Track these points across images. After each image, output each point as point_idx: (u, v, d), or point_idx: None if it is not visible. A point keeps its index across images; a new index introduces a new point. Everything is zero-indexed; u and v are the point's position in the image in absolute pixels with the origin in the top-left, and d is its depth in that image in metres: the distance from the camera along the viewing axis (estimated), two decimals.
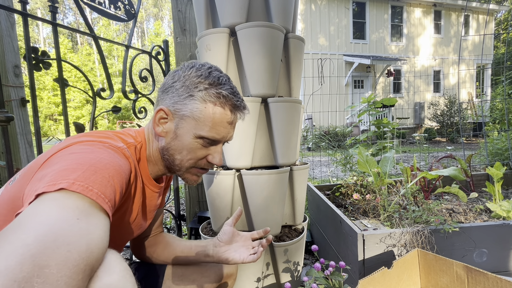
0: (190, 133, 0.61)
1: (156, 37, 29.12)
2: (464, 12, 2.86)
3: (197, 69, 0.62)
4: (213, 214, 1.21)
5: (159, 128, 0.62)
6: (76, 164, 0.43)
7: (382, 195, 1.36)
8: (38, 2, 27.03)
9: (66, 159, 0.45)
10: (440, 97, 12.04)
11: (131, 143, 0.61)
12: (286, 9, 1.16)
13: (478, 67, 12.25)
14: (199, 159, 0.65)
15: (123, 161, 0.52)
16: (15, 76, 1.12)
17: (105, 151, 0.49)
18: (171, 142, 0.62)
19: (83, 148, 0.49)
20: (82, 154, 0.46)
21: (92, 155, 0.46)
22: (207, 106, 0.60)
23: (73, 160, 0.44)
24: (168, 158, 0.64)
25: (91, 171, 0.43)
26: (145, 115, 1.49)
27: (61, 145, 0.50)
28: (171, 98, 0.62)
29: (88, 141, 0.51)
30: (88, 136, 0.54)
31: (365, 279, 0.82)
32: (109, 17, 1.31)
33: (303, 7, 10.78)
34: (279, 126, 1.14)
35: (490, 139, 2.63)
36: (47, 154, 0.50)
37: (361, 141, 2.84)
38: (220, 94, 0.61)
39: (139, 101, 1.49)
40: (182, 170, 0.65)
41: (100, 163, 0.45)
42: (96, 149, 0.49)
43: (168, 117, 0.62)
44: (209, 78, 0.61)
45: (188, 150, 0.62)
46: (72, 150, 0.48)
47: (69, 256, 0.31)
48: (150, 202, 0.71)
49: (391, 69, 11.16)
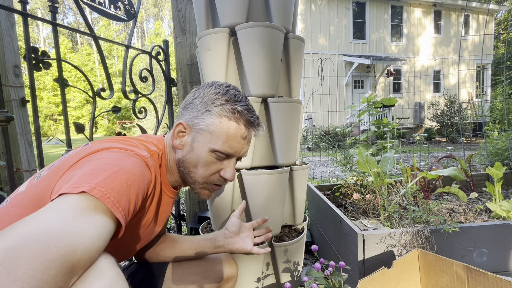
0: (205, 146, 0.64)
1: (156, 37, 29.13)
2: (464, 12, 2.86)
3: (216, 87, 0.67)
4: (213, 214, 1.21)
5: (177, 141, 0.66)
6: (101, 169, 0.46)
7: (382, 195, 1.36)
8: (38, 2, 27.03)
9: (93, 164, 0.49)
10: (440, 97, 12.04)
11: (154, 151, 0.64)
12: (286, 9, 1.16)
13: (478, 67, 12.25)
14: (212, 173, 0.67)
15: (145, 170, 0.55)
16: (15, 76, 1.12)
17: (130, 159, 0.52)
18: (187, 155, 0.66)
19: (110, 155, 0.52)
20: (108, 160, 0.50)
21: (116, 162, 0.49)
22: (222, 121, 0.63)
23: (99, 166, 0.48)
24: (183, 170, 0.67)
25: (112, 179, 0.45)
26: (145, 115, 1.49)
27: (90, 149, 0.54)
28: (190, 114, 0.66)
29: (115, 148, 0.55)
30: (116, 142, 0.58)
31: (365, 279, 0.81)
32: (109, 17, 1.31)
33: (303, 7, 10.77)
34: (279, 126, 1.14)
35: (490, 139, 2.63)
36: (76, 155, 0.53)
37: (361, 141, 2.83)
38: (235, 109, 0.64)
39: (139, 101, 1.49)
40: (196, 184, 0.68)
41: (122, 171, 0.48)
42: (122, 156, 0.52)
43: (186, 130, 0.66)
44: (226, 95, 0.65)
45: (202, 163, 0.65)
46: (100, 156, 0.51)
47: (45, 251, 0.31)
48: (165, 208, 0.73)
49: (391, 69, 11.16)
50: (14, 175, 0.95)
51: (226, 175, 0.67)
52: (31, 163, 1.19)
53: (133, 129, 16.03)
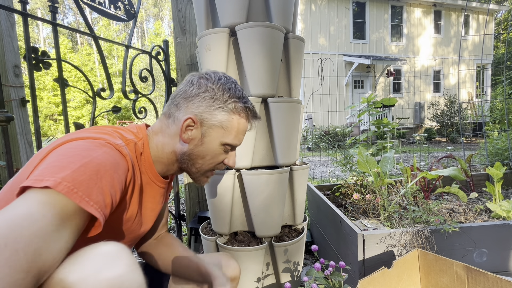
0: (216, 140, 0.68)
1: (156, 37, 29.12)
2: (464, 12, 2.86)
3: (223, 83, 0.68)
4: (213, 214, 1.21)
5: (185, 135, 0.66)
6: (68, 161, 0.44)
7: (382, 195, 1.36)
8: (38, 2, 27.03)
9: (61, 153, 0.46)
10: (440, 97, 12.03)
11: (131, 140, 0.61)
12: (286, 9, 1.16)
13: (478, 67, 12.25)
14: (219, 163, 0.72)
15: (119, 159, 0.52)
16: (15, 76, 1.12)
17: (101, 149, 0.49)
18: (195, 148, 0.67)
19: (79, 144, 0.49)
20: (76, 151, 0.47)
21: (86, 153, 0.46)
22: (234, 117, 0.68)
23: (66, 157, 0.45)
24: (188, 162, 0.69)
25: (81, 172, 0.43)
26: (145, 115, 1.49)
27: (61, 140, 0.51)
28: (197, 107, 0.66)
29: (86, 138, 0.52)
30: (87, 132, 0.55)
31: (365, 279, 0.81)
32: (109, 17, 1.31)
33: (303, 7, 10.77)
34: (279, 126, 1.14)
35: (490, 139, 2.63)
36: (46, 149, 0.50)
37: (361, 141, 2.83)
38: (247, 108, 0.70)
39: (139, 101, 1.49)
40: (200, 173, 0.72)
41: (91, 162, 0.45)
42: (93, 146, 0.49)
43: (195, 125, 0.66)
44: (236, 93, 0.68)
45: (212, 155, 0.69)
46: (69, 146, 0.48)
47: (14, 256, 0.32)
48: (154, 200, 0.71)
49: (391, 69, 11.16)
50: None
51: (230, 162, 0.73)
52: None
53: None
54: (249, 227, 1.23)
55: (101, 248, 0.41)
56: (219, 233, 1.22)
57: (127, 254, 0.41)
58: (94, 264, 0.38)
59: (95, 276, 0.36)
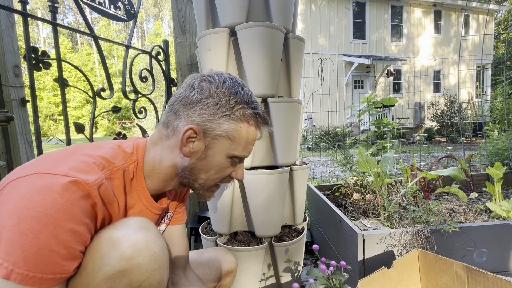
0: (223, 153, 0.60)
1: (156, 37, 29.13)
2: (464, 12, 2.87)
3: (229, 87, 0.59)
4: (213, 214, 1.21)
5: (187, 148, 0.58)
6: (18, 232, 0.40)
7: (382, 195, 1.36)
8: (38, 2, 27.03)
9: (9, 216, 0.41)
10: (440, 97, 12.03)
11: (119, 167, 0.55)
12: (286, 9, 1.16)
13: (478, 67, 12.25)
14: (225, 177, 0.64)
15: (78, 201, 0.45)
16: (15, 76, 1.12)
17: (52, 196, 0.43)
18: (198, 162, 0.60)
19: (31, 194, 0.43)
20: (26, 211, 0.42)
21: (35, 211, 0.41)
22: (242, 126, 0.59)
23: (15, 223, 0.41)
24: (189, 177, 0.61)
25: (33, 246, 0.40)
26: (145, 115, 1.49)
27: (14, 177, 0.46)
28: (200, 116, 0.57)
29: (43, 173, 0.45)
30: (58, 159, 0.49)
31: (365, 279, 0.82)
32: (109, 17, 1.31)
33: (303, 7, 10.77)
34: (279, 126, 1.14)
35: (490, 139, 2.63)
36: (17, 170, 0.48)
37: (361, 141, 2.83)
38: (257, 114, 0.60)
39: (139, 101, 1.49)
40: (204, 189, 0.64)
41: (46, 226, 0.41)
42: (44, 194, 0.43)
43: (198, 136, 0.58)
44: (244, 97, 0.60)
45: (217, 169, 0.61)
46: (22, 194, 0.43)
47: None
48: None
49: (391, 69, 11.16)
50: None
51: (237, 176, 0.65)
52: None
53: (133, 129, 16.03)
54: (249, 227, 1.24)
55: (136, 218, 0.53)
56: (219, 233, 1.22)
57: (154, 225, 0.53)
58: (133, 227, 0.50)
59: (135, 233, 0.48)
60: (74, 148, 0.55)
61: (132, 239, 0.47)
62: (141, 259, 0.47)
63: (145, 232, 0.49)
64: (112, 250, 0.46)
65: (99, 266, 0.45)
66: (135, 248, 0.47)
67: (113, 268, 0.45)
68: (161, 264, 0.50)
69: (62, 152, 0.54)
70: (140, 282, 0.47)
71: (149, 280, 0.48)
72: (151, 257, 0.48)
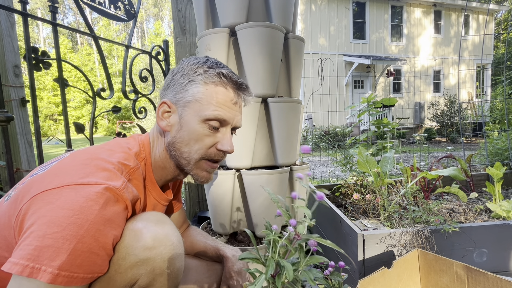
0: (195, 118, 0.60)
1: (156, 37, 29.13)
2: (464, 12, 2.86)
3: (194, 59, 0.64)
4: (213, 214, 1.21)
5: (164, 122, 0.62)
6: (62, 237, 0.42)
7: (382, 195, 1.36)
8: (38, 2, 27.03)
9: (49, 219, 0.43)
10: (440, 97, 12.04)
11: (134, 168, 0.58)
12: (286, 9, 1.16)
13: (478, 67, 12.25)
14: (208, 147, 0.62)
15: (113, 208, 0.48)
16: (15, 76, 1.12)
17: (93, 206, 0.45)
18: (177, 135, 0.61)
19: (71, 203, 0.44)
20: (68, 217, 0.43)
21: (77, 218, 0.43)
22: (208, 88, 0.60)
23: (59, 228, 0.42)
24: (175, 153, 0.62)
25: (77, 250, 0.43)
26: (145, 115, 1.49)
27: (52, 182, 0.47)
28: (172, 91, 0.63)
29: (81, 185, 0.47)
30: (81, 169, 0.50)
31: (365, 279, 0.81)
32: (109, 17, 1.31)
33: (303, 7, 10.77)
34: (279, 126, 1.14)
35: (490, 139, 2.63)
36: (38, 183, 0.48)
37: (361, 141, 2.84)
38: (220, 73, 0.61)
39: (139, 101, 1.49)
40: (191, 164, 0.63)
41: (87, 232, 0.44)
42: (86, 203, 0.45)
43: (171, 109, 0.62)
44: (207, 63, 0.62)
45: (195, 138, 0.61)
46: (60, 202, 0.44)
47: None
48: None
49: (391, 69, 11.16)
50: (14, 175, 0.95)
51: (224, 147, 0.62)
52: (31, 163, 1.19)
53: (133, 129, 16.04)
54: (249, 227, 1.24)
55: (153, 212, 0.57)
56: (219, 233, 1.22)
57: (168, 217, 0.58)
58: (151, 220, 0.54)
59: (155, 226, 0.53)
60: (86, 154, 0.54)
61: (153, 231, 0.52)
62: (162, 249, 0.52)
63: (162, 224, 0.55)
64: (136, 241, 0.50)
65: (124, 256, 0.50)
66: (156, 239, 0.52)
67: (137, 257, 0.50)
68: (179, 253, 0.56)
69: (76, 160, 0.53)
70: (163, 269, 0.53)
71: (170, 267, 0.54)
72: (170, 246, 0.53)
